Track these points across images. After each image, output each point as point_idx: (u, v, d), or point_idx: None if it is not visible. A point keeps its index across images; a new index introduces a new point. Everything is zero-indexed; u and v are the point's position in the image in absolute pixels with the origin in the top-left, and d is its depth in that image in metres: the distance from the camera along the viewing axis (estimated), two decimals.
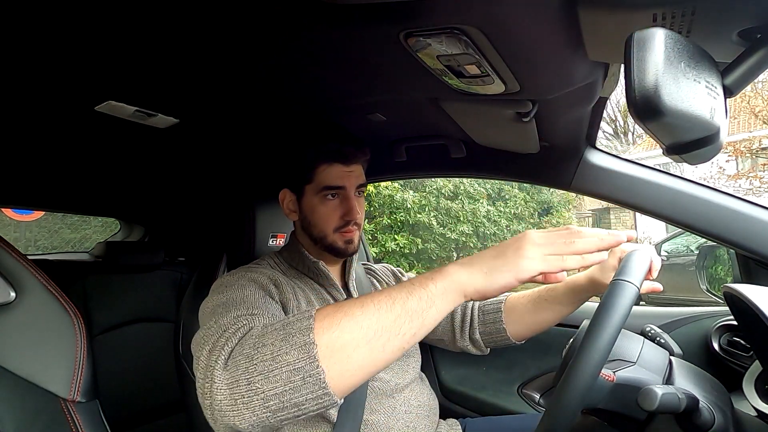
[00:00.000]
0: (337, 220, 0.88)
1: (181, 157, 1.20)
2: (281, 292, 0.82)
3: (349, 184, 0.88)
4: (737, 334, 0.97)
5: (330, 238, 0.89)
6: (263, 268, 0.86)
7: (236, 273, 0.82)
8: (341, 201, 0.89)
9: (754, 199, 0.90)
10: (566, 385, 0.59)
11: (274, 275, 0.84)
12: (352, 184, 0.89)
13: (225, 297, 0.72)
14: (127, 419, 1.44)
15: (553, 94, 0.71)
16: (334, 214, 0.88)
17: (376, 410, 0.86)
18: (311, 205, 0.90)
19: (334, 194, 0.88)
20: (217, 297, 0.74)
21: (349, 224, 0.88)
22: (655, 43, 0.38)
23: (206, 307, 0.74)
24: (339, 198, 0.89)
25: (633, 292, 0.64)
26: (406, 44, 0.56)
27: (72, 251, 3.00)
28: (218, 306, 0.70)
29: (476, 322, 1.03)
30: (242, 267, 0.87)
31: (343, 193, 0.89)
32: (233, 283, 0.77)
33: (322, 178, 0.88)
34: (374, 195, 6.13)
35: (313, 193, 0.89)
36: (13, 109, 0.83)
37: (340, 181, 0.88)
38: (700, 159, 0.48)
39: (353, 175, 0.89)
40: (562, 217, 8.42)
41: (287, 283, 0.85)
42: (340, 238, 0.89)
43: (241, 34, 0.59)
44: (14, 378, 0.65)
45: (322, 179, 0.88)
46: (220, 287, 0.78)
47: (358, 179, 0.90)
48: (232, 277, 0.80)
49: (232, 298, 0.71)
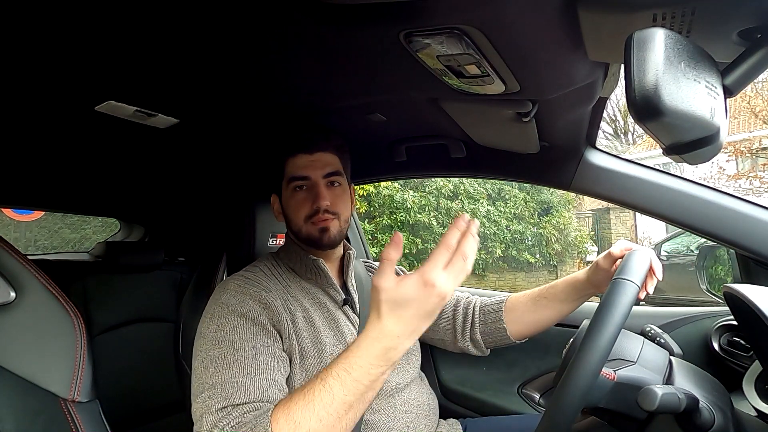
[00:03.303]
0: (306, 209, 0.89)
1: (181, 157, 1.20)
2: (273, 314, 0.80)
3: (314, 174, 0.89)
4: (737, 334, 0.97)
5: (304, 229, 0.89)
6: (253, 286, 0.83)
7: (227, 305, 0.80)
8: (308, 190, 0.89)
9: (754, 199, 0.90)
10: (568, 382, 0.59)
11: (264, 295, 0.81)
12: (318, 172, 0.89)
13: (218, 351, 0.74)
14: (127, 419, 1.44)
15: (553, 94, 0.71)
16: (304, 203, 0.89)
17: (377, 410, 0.86)
18: (286, 200, 0.92)
19: (302, 185, 0.89)
20: (210, 345, 0.75)
21: (319, 212, 0.88)
22: (655, 43, 0.38)
23: (200, 348, 0.76)
24: (307, 188, 0.90)
25: (633, 291, 0.65)
26: (406, 44, 0.56)
27: (72, 251, 3.00)
28: (210, 363, 0.73)
29: (477, 322, 1.03)
30: (236, 281, 0.84)
31: (309, 183, 0.89)
32: (224, 326, 0.77)
33: (289, 170, 0.90)
34: (374, 195, 6.13)
35: (285, 188, 0.91)
36: (13, 109, 0.83)
37: (305, 171, 0.89)
38: (700, 159, 0.48)
39: (319, 163, 0.90)
40: (562, 217, 8.42)
41: (279, 296, 0.84)
42: (312, 227, 0.89)
43: (240, 34, 0.59)
44: (14, 378, 0.65)
45: (289, 171, 0.90)
46: (212, 323, 0.78)
47: (326, 167, 0.90)
48: (224, 310, 0.79)
49: (223, 357, 0.73)
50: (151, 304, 1.60)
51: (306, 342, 0.83)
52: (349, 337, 0.88)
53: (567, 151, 1.02)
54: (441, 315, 1.05)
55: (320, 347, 0.83)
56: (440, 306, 0.60)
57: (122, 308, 1.54)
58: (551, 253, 8.36)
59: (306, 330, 0.84)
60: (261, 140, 1.08)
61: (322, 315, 0.88)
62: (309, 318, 0.85)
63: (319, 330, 0.85)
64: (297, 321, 0.83)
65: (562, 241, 8.38)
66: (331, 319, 0.88)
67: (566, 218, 8.53)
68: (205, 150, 1.15)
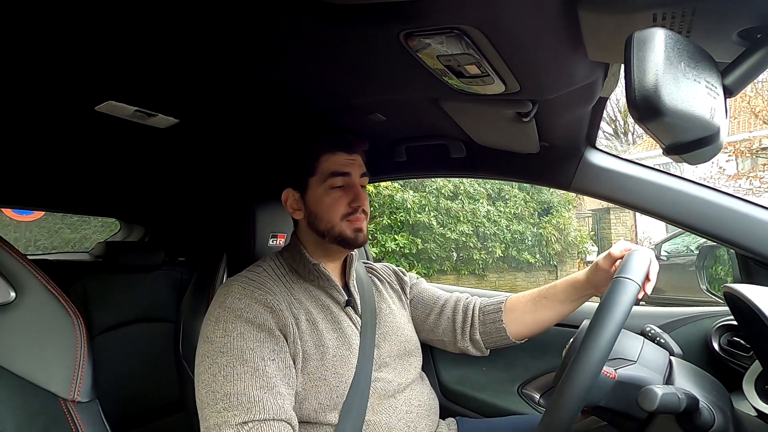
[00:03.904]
0: (344, 207, 0.88)
1: (181, 157, 1.20)
2: (279, 318, 0.80)
3: (353, 171, 0.89)
4: (737, 334, 0.97)
5: (338, 228, 0.88)
6: (258, 289, 0.82)
7: (233, 309, 0.78)
8: (346, 189, 0.89)
9: (754, 199, 0.90)
10: (569, 379, 0.59)
11: (270, 299, 0.81)
12: (356, 171, 0.90)
13: (226, 359, 0.74)
14: (127, 419, 1.44)
15: (553, 94, 0.71)
16: (341, 201, 0.88)
17: (378, 410, 0.86)
18: (316, 197, 0.89)
19: (339, 183, 0.88)
20: (217, 352, 0.75)
21: (357, 211, 0.88)
22: (655, 43, 0.39)
23: (207, 354, 0.75)
24: (344, 186, 0.89)
25: (634, 289, 0.65)
26: (405, 44, 0.56)
27: (72, 251, 3.00)
28: (219, 371, 0.73)
29: (477, 323, 1.03)
30: (240, 283, 0.83)
31: (348, 181, 0.89)
32: (231, 331, 0.76)
33: (327, 166, 0.88)
34: (374, 195, 6.13)
35: (318, 184, 0.89)
36: (13, 109, 0.83)
37: (345, 167, 0.89)
38: (700, 159, 0.48)
39: (356, 163, 0.90)
40: (562, 217, 8.42)
41: (284, 299, 0.83)
42: (348, 226, 0.88)
43: (240, 33, 0.59)
44: (14, 378, 0.65)
45: (327, 167, 0.88)
46: (218, 327, 0.77)
47: (361, 168, 0.91)
48: (230, 315, 0.78)
49: (233, 366, 0.73)
50: (151, 304, 1.60)
51: (309, 345, 0.82)
52: (352, 339, 0.88)
53: (567, 151, 1.02)
54: (441, 316, 1.06)
55: (323, 350, 0.83)
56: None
57: (122, 308, 1.54)
58: (551, 253, 8.36)
59: (309, 333, 0.83)
60: (260, 140, 1.08)
61: (325, 317, 0.88)
62: (312, 321, 0.85)
63: (322, 332, 0.85)
64: (301, 324, 0.83)
65: (562, 241, 8.38)
66: (334, 320, 0.88)
67: (566, 218, 8.53)
68: (205, 150, 1.15)
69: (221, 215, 1.48)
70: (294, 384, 0.79)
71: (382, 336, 0.94)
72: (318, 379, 0.81)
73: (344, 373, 0.83)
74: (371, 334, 0.91)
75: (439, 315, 1.06)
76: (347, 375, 0.84)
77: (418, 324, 1.07)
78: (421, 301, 1.08)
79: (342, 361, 0.84)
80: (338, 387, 0.82)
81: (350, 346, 0.87)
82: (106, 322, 1.49)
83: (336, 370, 0.83)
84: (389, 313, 1.00)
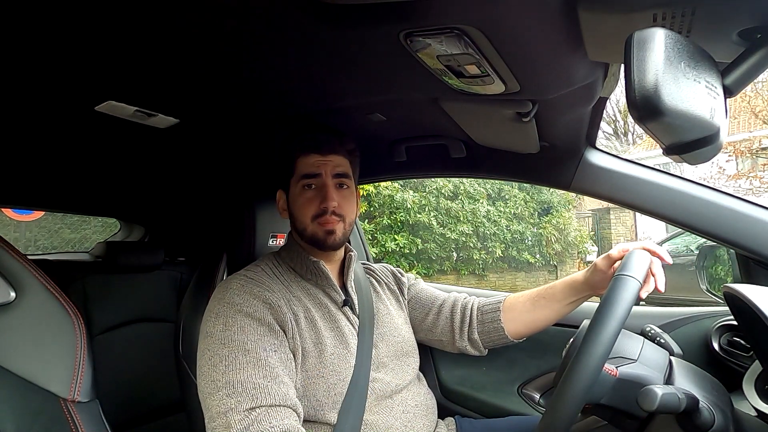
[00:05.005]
0: (314, 208, 0.89)
1: (181, 157, 1.20)
2: (277, 314, 0.81)
3: (324, 172, 0.89)
4: (737, 334, 0.97)
5: (309, 229, 0.89)
6: (256, 286, 0.83)
7: (232, 304, 0.80)
8: (317, 190, 0.90)
9: (754, 199, 0.90)
10: (570, 376, 0.59)
11: (268, 295, 0.82)
12: (329, 172, 0.90)
13: (227, 350, 0.74)
14: (127, 419, 1.44)
15: (553, 94, 0.71)
16: (312, 203, 0.89)
17: (375, 411, 0.86)
18: (293, 198, 0.92)
19: (311, 184, 0.90)
20: (218, 344, 0.75)
21: (326, 213, 0.88)
22: (655, 43, 0.39)
23: (208, 347, 0.76)
24: (315, 187, 0.90)
25: (635, 287, 0.65)
26: (406, 44, 0.56)
27: (72, 251, 3.00)
28: (220, 362, 0.73)
29: (475, 322, 1.03)
30: (238, 280, 0.85)
31: (319, 182, 0.90)
32: (231, 325, 0.77)
33: (300, 168, 0.90)
34: (374, 195, 6.13)
35: (294, 186, 0.91)
36: (13, 109, 0.83)
37: (316, 169, 0.89)
38: (700, 159, 0.48)
39: (330, 164, 0.90)
40: (562, 217, 8.42)
41: (282, 296, 0.84)
42: (319, 228, 0.89)
43: (240, 33, 0.59)
44: (14, 378, 0.65)
45: (300, 169, 0.90)
46: (218, 322, 0.78)
47: (337, 168, 0.91)
48: (230, 310, 0.79)
49: (235, 356, 0.73)
50: (151, 304, 1.60)
51: (308, 342, 0.83)
52: (349, 339, 0.88)
53: (567, 151, 1.02)
54: (439, 316, 1.06)
55: (321, 348, 0.84)
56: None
57: (122, 308, 1.54)
58: (551, 253, 8.36)
59: (308, 330, 0.84)
60: (260, 140, 1.08)
61: (323, 315, 0.88)
62: (311, 318, 0.86)
63: (320, 330, 0.85)
64: (299, 321, 0.83)
65: (562, 241, 8.38)
66: (331, 319, 0.88)
67: (566, 218, 8.53)
68: (205, 150, 1.15)
69: (221, 215, 1.48)
70: (294, 377, 0.79)
71: (380, 337, 0.94)
72: (316, 377, 0.82)
73: (342, 372, 0.84)
74: (369, 334, 0.92)
75: (437, 315, 1.06)
76: (345, 374, 0.84)
77: (416, 324, 1.07)
78: (420, 301, 1.08)
79: (340, 359, 0.84)
80: (336, 385, 0.82)
81: (348, 346, 0.87)
82: (106, 322, 1.49)
83: (334, 368, 0.83)
84: (387, 314, 1.00)
